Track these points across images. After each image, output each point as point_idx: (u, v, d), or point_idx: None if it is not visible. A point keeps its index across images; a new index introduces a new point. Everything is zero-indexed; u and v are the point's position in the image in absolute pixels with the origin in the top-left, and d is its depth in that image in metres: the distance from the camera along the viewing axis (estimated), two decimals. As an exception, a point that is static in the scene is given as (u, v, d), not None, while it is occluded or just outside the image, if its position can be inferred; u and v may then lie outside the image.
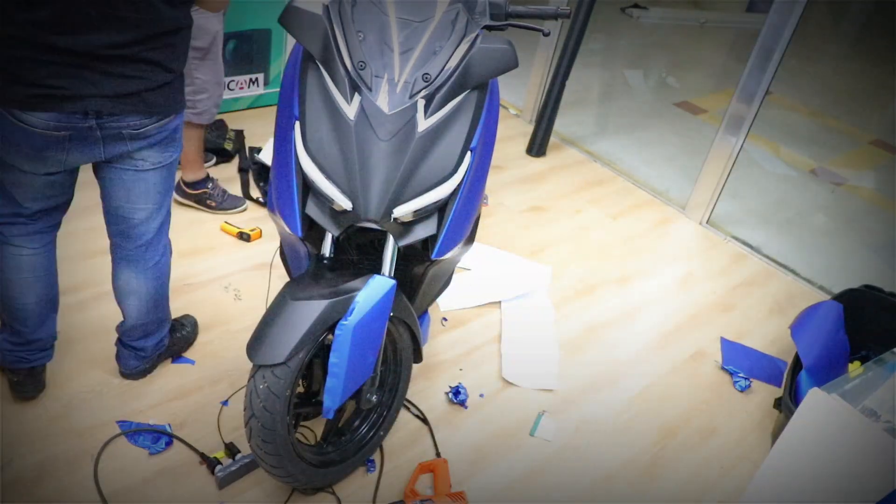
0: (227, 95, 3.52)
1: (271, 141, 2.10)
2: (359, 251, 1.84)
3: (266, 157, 2.97)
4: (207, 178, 2.84)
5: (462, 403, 2.23)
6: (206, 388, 2.13)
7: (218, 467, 1.85)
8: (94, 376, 2.09)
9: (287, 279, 1.99)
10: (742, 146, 3.33)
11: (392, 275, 1.67)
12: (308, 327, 1.55)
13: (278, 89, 3.90)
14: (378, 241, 1.81)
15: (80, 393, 2.04)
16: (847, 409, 1.26)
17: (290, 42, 3.58)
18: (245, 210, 2.90)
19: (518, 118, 4.24)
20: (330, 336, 1.66)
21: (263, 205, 2.97)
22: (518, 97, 4.30)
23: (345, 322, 1.54)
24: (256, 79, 3.59)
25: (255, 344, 1.59)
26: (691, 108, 4.92)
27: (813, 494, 1.32)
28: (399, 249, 1.70)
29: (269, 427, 1.61)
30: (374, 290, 1.59)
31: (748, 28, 6.26)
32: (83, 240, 2.57)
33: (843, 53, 6.50)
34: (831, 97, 5.68)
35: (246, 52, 3.48)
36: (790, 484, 1.37)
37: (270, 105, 3.71)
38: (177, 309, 2.38)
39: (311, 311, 1.56)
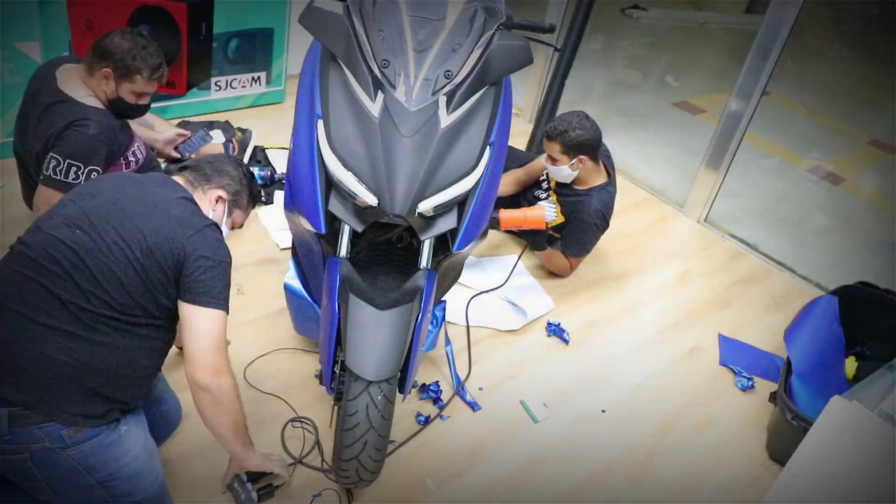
0: (229, 94, 3.57)
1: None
2: (370, 248, 1.87)
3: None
4: None
5: (437, 400, 2.24)
6: (210, 381, 2.15)
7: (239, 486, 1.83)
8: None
9: (290, 277, 2.02)
10: (739, 145, 3.36)
11: (429, 266, 1.74)
12: (403, 335, 1.62)
13: (280, 87, 3.96)
14: (391, 239, 1.85)
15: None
16: (869, 415, 1.29)
17: (293, 41, 3.61)
18: None
19: (518, 117, 4.27)
20: None
21: (266, 203, 3.00)
22: (518, 96, 4.30)
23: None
24: (258, 77, 3.62)
25: (363, 360, 1.60)
26: (690, 107, 4.95)
27: (835, 498, 1.35)
28: (413, 243, 1.75)
29: (385, 434, 1.65)
30: (431, 283, 1.69)
31: (747, 29, 6.28)
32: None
33: (842, 53, 6.53)
34: (829, 97, 5.71)
35: (248, 51, 3.51)
36: (811, 489, 1.40)
37: (272, 104, 3.74)
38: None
39: (401, 317, 1.62)
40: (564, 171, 2.65)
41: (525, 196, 2.94)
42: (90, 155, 2.15)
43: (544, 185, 2.86)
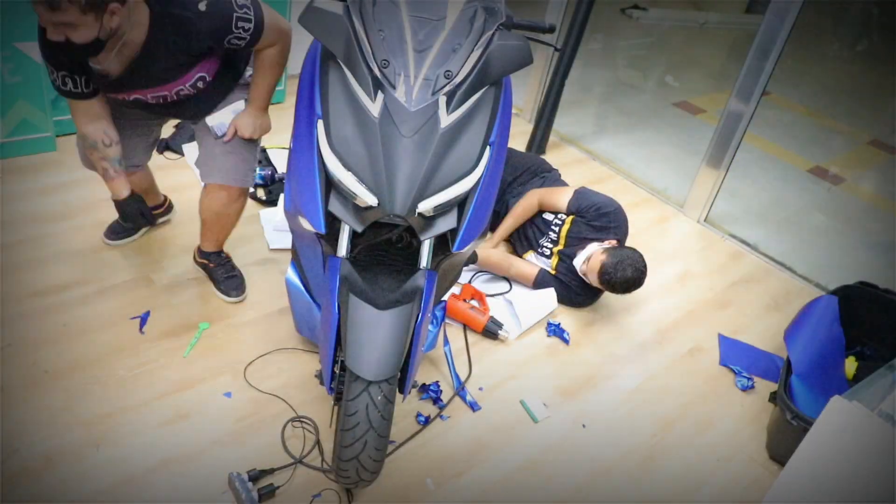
0: (229, 94, 3.56)
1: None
2: (370, 248, 1.88)
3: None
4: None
5: (437, 400, 2.25)
6: (210, 380, 2.16)
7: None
8: (98, 368, 2.13)
9: (292, 272, 2.02)
10: (739, 145, 3.36)
11: (429, 266, 1.74)
12: (403, 335, 1.62)
13: (280, 87, 3.95)
14: (391, 239, 1.85)
15: (85, 384, 2.07)
16: (869, 415, 1.29)
17: (293, 41, 3.60)
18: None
19: (518, 117, 4.28)
20: None
21: (263, 203, 3.01)
22: (518, 96, 4.32)
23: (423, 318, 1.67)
24: (258, 77, 3.62)
25: (363, 360, 1.60)
26: (690, 107, 4.95)
27: (835, 498, 1.35)
28: (413, 243, 1.75)
29: (385, 434, 1.65)
30: (431, 283, 1.69)
31: (747, 29, 6.30)
32: (89, 235, 2.60)
33: (842, 54, 6.54)
34: (829, 97, 5.72)
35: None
36: (811, 490, 1.40)
37: (272, 104, 3.73)
38: (183, 302, 2.42)
39: (401, 318, 1.62)
40: (579, 263, 2.66)
41: (528, 231, 2.88)
42: None
43: (552, 235, 2.79)
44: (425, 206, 1.60)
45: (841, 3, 6.36)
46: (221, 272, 2.50)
